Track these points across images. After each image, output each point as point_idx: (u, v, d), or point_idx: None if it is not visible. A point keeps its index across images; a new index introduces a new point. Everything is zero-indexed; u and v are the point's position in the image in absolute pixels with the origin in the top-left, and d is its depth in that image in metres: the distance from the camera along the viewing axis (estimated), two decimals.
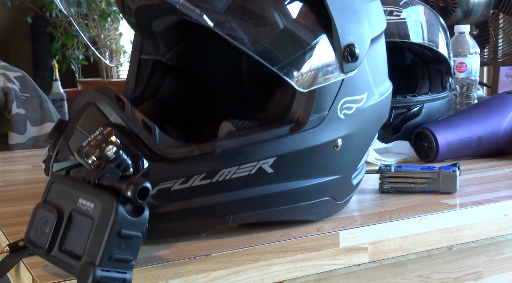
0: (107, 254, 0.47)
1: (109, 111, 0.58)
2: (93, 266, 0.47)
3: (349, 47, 0.63)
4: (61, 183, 0.53)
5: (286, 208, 0.65)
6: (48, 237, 0.51)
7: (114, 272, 0.48)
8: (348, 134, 0.66)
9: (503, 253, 0.80)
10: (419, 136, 1.06)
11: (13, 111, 2.24)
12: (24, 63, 3.65)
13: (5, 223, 0.73)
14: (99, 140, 0.53)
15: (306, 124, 0.62)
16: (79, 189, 0.51)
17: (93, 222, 0.48)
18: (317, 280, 0.67)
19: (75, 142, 0.56)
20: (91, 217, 0.49)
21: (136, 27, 0.74)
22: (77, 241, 0.49)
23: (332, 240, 0.65)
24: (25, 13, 3.67)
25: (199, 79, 0.80)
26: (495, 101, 1.12)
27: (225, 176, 0.60)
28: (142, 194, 0.49)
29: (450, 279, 0.77)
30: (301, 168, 0.63)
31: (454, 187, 0.80)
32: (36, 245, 0.52)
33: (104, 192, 0.49)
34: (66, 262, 0.50)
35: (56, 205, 0.52)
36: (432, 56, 1.22)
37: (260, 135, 0.60)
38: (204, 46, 0.79)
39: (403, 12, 1.17)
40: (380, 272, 0.71)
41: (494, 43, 1.81)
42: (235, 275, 0.60)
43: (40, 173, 1.09)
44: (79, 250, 0.49)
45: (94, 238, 0.48)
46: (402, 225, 0.70)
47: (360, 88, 0.67)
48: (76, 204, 0.50)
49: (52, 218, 0.51)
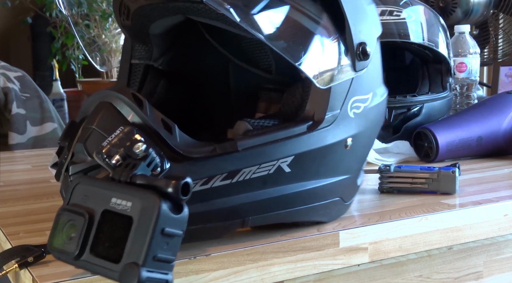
0: (151, 253, 0.45)
1: (127, 110, 0.56)
2: (138, 266, 0.44)
3: (361, 45, 0.64)
4: (87, 184, 0.50)
5: (303, 209, 0.64)
6: (78, 241, 0.48)
7: (157, 273, 0.46)
8: (357, 134, 0.66)
9: (503, 253, 0.80)
10: (419, 136, 1.06)
11: (13, 111, 2.24)
12: (24, 63, 3.65)
13: (5, 223, 0.73)
14: (121, 139, 0.51)
15: (322, 123, 0.62)
16: (111, 189, 0.48)
17: (133, 221, 0.46)
18: (317, 280, 0.67)
19: (93, 143, 0.54)
20: (129, 216, 0.46)
21: (129, 30, 0.73)
22: (112, 243, 0.47)
23: (332, 240, 0.65)
24: (25, 13, 3.66)
25: (192, 83, 0.80)
26: (495, 101, 1.12)
27: (245, 176, 0.59)
28: (184, 190, 0.47)
29: (450, 279, 0.77)
30: (316, 167, 0.63)
31: (453, 188, 0.80)
32: (63, 251, 0.49)
33: (143, 190, 0.47)
34: (101, 266, 0.47)
35: (85, 207, 0.49)
36: (432, 56, 1.22)
37: (279, 134, 0.60)
38: (195, 50, 0.79)
39: (403, 12, 1.17)
40: (380, 272, 0.71)
41: (494, 43, 1.81)
42: (235, 275, 0.60)
43: (40, 173, 1.09)
44: (116, 251, 0.46)
45: (136, 238, 0.45)
46: (402, 225, 0.70)
47: (367, 88, 0.67)
48: (109, 204, 0.47)
49: (81, 221, 0.48)
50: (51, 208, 0.80)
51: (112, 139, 0.51)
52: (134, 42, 0.74)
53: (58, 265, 0.57)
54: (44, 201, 0.84)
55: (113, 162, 0.50)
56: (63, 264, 0.57)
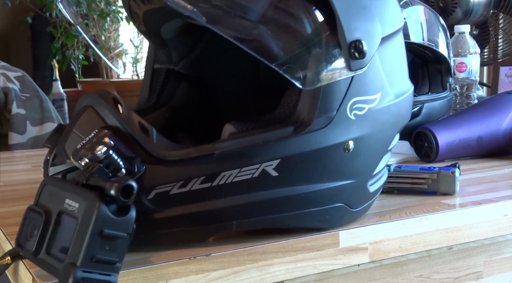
0: (88, 254, 0.46)
1: (106, 113, 0.57)
2: (74, 267, 0.45)
3: (355, 43, 0.60)
4: (52, 185, 0.52)
5: (295, 214, 0.62)
6: (35, 240, 0.50)
7: (97, 274, 0.46)
8: (360, 137, 0.63)
9: (503, 253, 0.80)
10: (419, 136, 1.06)
11: (13, 111, 2.24)
12: (24, 63, 3.65)
13: (5, 223, 0.73)
14: (93, 142, 0.53)
15: (312, 125, 0.59)
16: (67, 190, 0.50)
17: (77, 222, 0.47)
18: (317, 280, 0.67)
19: (71, 145, 0.55)
20: (76, 217, 0.47)
21: (147, 35, 0.73)
22: (63, 243, 0.48)
23: (332, 240, 0.65)
24: (25, 13, 3.67)
25: (213, 86, 0.79)
26: (495, 101, 1.12)
27: (226, 179, 0.58)
28: (126, 192, 0.48)
29: (450, 279, 0.77)
30: (308, 171, 0.61)
31: (453, 189, 0.80)
32: (24, 248, 0.51)
33: (88, 191, 0.48)
34: (52, 265, 0.48)
35: (45, 207, 0.51)
36: (432, 56, 1.22)
37: (262, 137, 0.59)
38: (217, 53, 0.78)
39: (403, 12, 1.17)
40: (380, 272, 0.71)
41: (494, 43, 1.81)
42: (235, 275, 0.60)
43: (40, 173, 1.09)
44: (64, 252, 0.47)
45: (76, 239, 0.46)
46: (402, 225, 0.70)
47: (373, 88, 0.63)
48: (63, 205, 0.49)
49: (40, 220, 0.50)
50: None
51: (86, 142, 0.53)
52: (155, 46, 0.75)
53: None
54: None
55: (82, 164, 0.51)
56: None
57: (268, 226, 0.62)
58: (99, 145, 0.52)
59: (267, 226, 0.62)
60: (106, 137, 0.53)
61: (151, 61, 0.76)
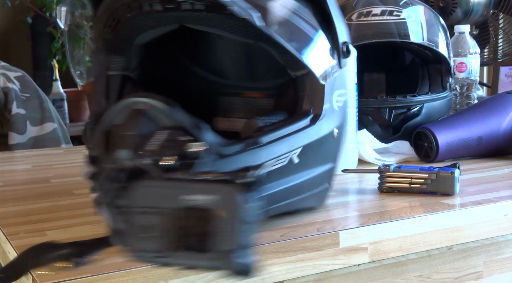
0: (237, 240, 0.48)
1: (161, 115, 0.59)
2: (230, 254, 0.48)
3: (345, 43, 0.71)
4: (150, 187, 0.52)
5: (304, 197, 0.69)
6: (158, 239, 0.50)
7: (245, 258, 0.49)
8: (340, 125, 0.72)
9: (503, 253, 0.81)
10: (419, 136, 1.06)
11: (13, 111, 2.24)
12: (24, 63, 3.65)
13: (5, 223, 0.73)
14: (168, 141, 0.55)
15: (321, 115, 0.68)
16: (182, 187, 0.50)
17: (212, 214, 0.49)
18: (317, 280, 0.67)
19: (139, 148, 0.56)
20: (208, 209, 0.49)
21: (109, 42, 0.72)
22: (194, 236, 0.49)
23: (332, 240, 0.65)
24: (25, 13, 3.66)
25: (168, 91, 0.81)
26: (495, 101, 1.12)
27: (266, 169, 0.63)
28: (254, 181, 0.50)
29: (450, 279, 0.77)
30: (315, 157, 0.69)
31: (452, 189, 0.80)
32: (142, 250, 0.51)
33: (217, 184, 0.50)
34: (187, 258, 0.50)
35: (158, 207, 0.51)
36: (432, 56, 1.22)
37: (290, 127, 0.66)
38: (170, 59, 0.82)
39: (403, 12, 1.17)
40: (380, 272, 0.71)
41: (494, 43, 1.81)
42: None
43: (40, 173, 1.10)
44: (201, 243, 0.49)
45: (221, 228, 0.48)
46: (402, 225, 0.70)
47: (344, 83, 0.73)
48: (183, 201, 0.50)
49: (157, 221, 0.50)
50: (51, 208, 0.80)
51: (158, 142, 0.55)
52: (108, 53, 0.74)
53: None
54: (44, 201, 0.84)
55: (164, 164, 0.54)
56: None
57: (286, 211, 0.68)
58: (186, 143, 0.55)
59: (285, 211, 0.68)
60: (180, 136, 0.56)
61: (104, 67, 0.74)
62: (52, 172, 1.07)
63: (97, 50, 0.73)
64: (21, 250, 0.61)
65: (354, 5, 1.21)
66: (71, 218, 0.74)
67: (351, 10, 1.20)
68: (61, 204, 0.76)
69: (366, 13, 1.18)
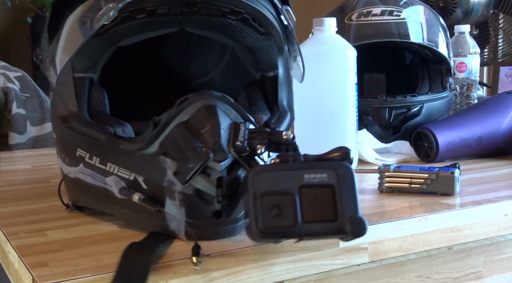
0: (358, 205, 0.55)
1: (230, 111, 0.64)
2: (358, 217, 0.53)
3: None
4: (271, 171, 0.56)
5: None
6: (291, 216, 0.54)
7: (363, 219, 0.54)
8: None
9: (503, 253, 0.81)
10: (419, 136, 1.06)
11: (13, 111, 2.24)
12: (24, 63, 3.65)
13: (5, 223, 0.73)
14: (253, 133, 0.62)
15: (292, 112, 0.76)
16: (300, 169, 0.56)
17: (335, 187, 0.55)
18: (317, 280, 0.67)
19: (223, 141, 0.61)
20: (329, 184, 0.55)
21: (89, 45, 0.71)
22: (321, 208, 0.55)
23: (332, 240, 0.65)
24: (25, 13, 3.67)
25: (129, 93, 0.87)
26: (495, 101, 1.12)
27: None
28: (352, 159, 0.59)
29: (450, 279, 0.77)
30: None
31: (452, 189, 0.80)
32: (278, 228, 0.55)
33: (330, 163, 0.57)
34: (319, 228, 0.54)
35: (282, 189, 0.55)
36: (432, 56, 1.23)
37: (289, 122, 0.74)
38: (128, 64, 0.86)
39: (403, 12, 1.17)
40: (380, 272, 0.71)
41: (494, 43, 1.81)
42: (235, 275, 0.60)
43: (40, 173, 1.10)
44: (329, 213, 0.54)
45: (344, 197, 0.54)
46: (402, 225, 0.70)
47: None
48: (303, 180, 0.55)
49: (286, 200, 0.55)
50: (51, 208, 0.80)
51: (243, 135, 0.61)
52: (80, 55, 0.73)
53: (58, 265, 0.57)
54: (44, 201, 0.84)
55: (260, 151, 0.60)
56: (63, 264, 0.57)
57: None
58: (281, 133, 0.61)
59: None
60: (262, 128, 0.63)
61: (69, 69, 0.73)
62: (52, 172, 1.07)
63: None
64: (21, 250, 0.61)
65: (354, 5, 1.21)
66: (71, 218, 0.74)
67: (351, 10, 1.20)
68: (61, 204, 0.76)
69: (366, 13, 1.18)
